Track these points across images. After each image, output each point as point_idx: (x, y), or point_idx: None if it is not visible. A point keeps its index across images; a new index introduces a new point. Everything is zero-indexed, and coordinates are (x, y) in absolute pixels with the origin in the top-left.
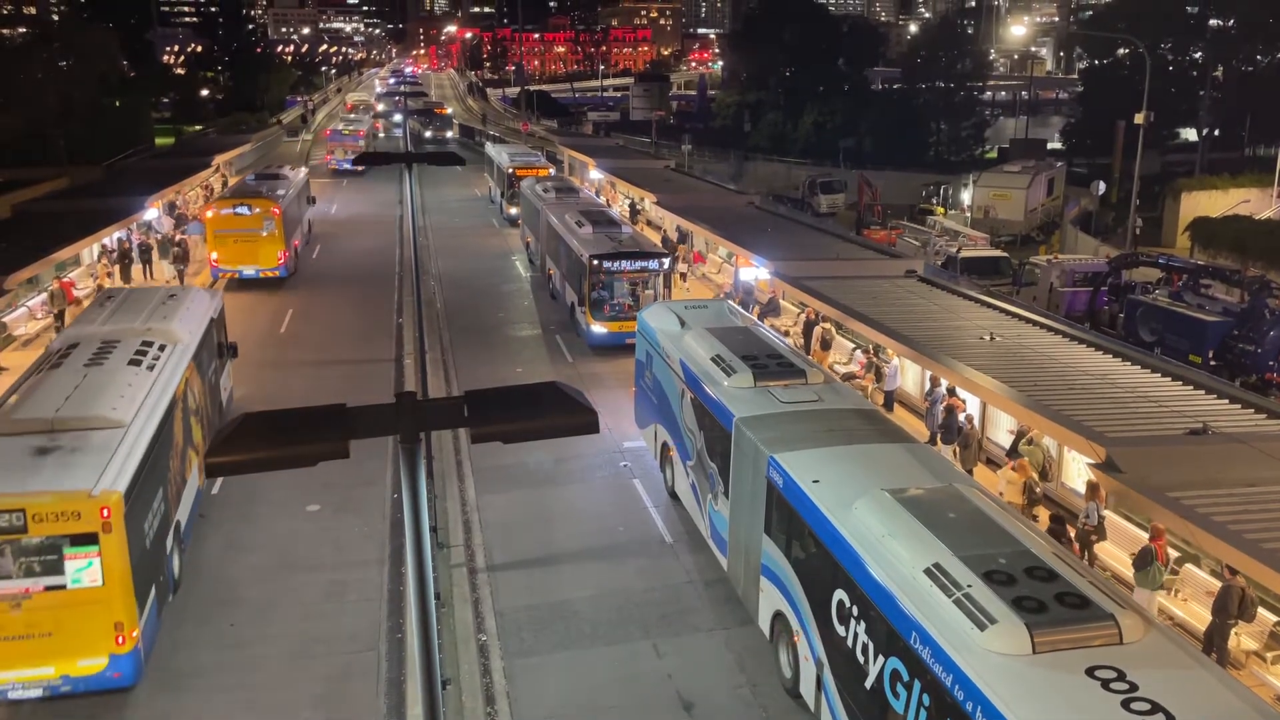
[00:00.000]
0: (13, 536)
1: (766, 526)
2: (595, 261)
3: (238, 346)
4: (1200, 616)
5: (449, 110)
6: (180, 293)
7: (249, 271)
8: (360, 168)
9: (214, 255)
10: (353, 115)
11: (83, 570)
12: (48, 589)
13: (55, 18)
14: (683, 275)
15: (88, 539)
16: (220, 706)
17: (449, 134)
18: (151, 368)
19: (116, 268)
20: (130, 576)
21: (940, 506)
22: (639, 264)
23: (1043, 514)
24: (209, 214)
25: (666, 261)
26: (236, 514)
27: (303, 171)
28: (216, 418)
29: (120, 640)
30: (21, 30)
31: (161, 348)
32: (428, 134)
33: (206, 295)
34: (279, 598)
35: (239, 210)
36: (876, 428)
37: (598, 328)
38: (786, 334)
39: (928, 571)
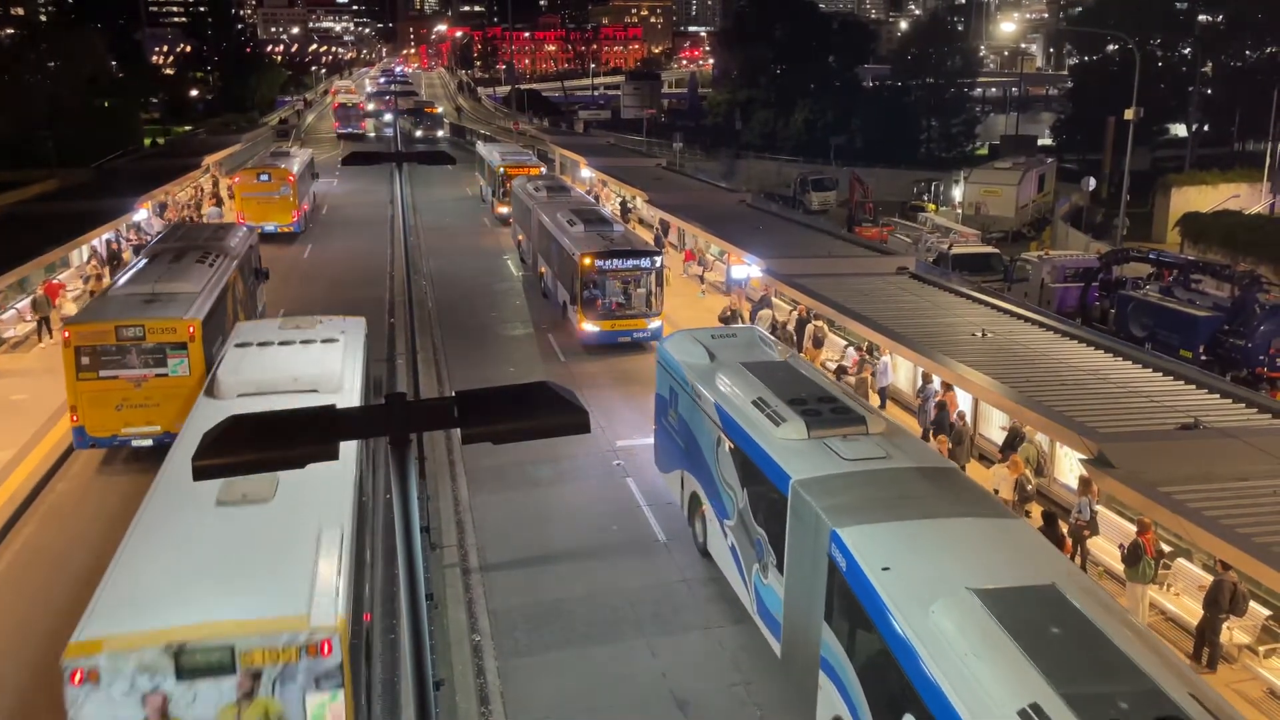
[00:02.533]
0: (137, 341)
1: (827, 613)
2: (587, 260)
3: (269, 271)
4: (1193, 611)
5: (440, 109)
6: (228, 225)
7: (269, 227)
8: (364, 126)
9: (240, 214)
10: (347, 93)
11: (178, 365)
12: (157, 376)
13: (43, 19)
14: (700, 277)
15: (181, 346)
16: None
17: (440, 133)
18: (211, 265)
19: (106, 269)
20: (205, 373)
21: (1041, 617)
22: (631, 262)
23: (1035, 510)
24: (236, 180)
25: (659, 259)
26: None
27: (308, 151)
28: (255, 315)
29: None
30: (9, 31)
31: (218, 255)
32: (418, 133)
33: (247, 230)
34: None
35: (261, 177)
36: (957, 495)
37: (590, 326)
38: (775, 329)
39: (1023, 714)
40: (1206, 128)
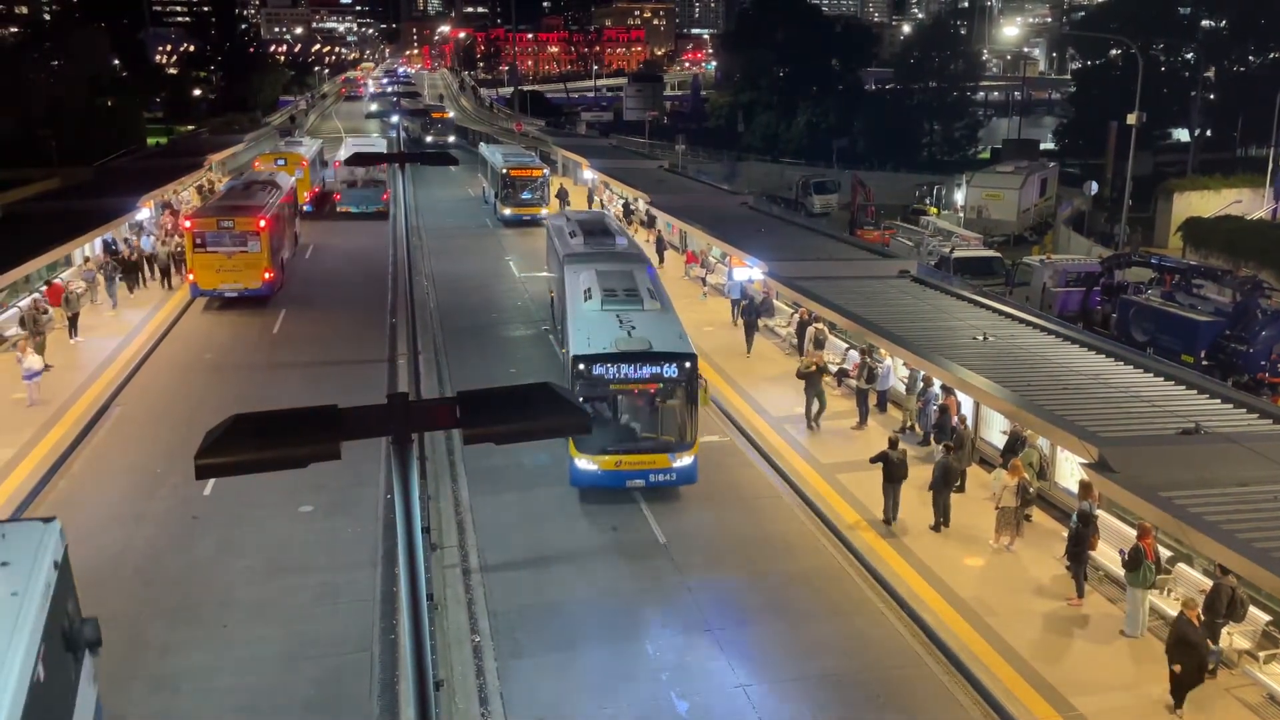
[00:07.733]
0: (229, 230)
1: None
2: (581, 365)
3: (303, 207)
4: None
5: (451, 114)
6: (276, 174)
7: None
8: (361, 93)
9: None
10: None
11: (254, 245)
12: (241, 252)
13: (47, 17)
14: (703, 280)
15: (256, 234)
16: (214, 708)
17: (451, 138)
18: (270, 192)
19: (101, 275)
20: (269, 253)
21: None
22: (649, 370)
23: (1037, 514)
24: (257, 164)
25: (691, 364)
26: (229, 516)
27: (319, 141)
28: (293, 237)
29: (267, 276)
30: (13, 30)
31: (274, 188)
32: (429, 138)
33: (290, 176)
34: (272, 599)
35: (279, 162)
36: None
37: (584, 463)
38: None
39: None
40: (1209, 133)
